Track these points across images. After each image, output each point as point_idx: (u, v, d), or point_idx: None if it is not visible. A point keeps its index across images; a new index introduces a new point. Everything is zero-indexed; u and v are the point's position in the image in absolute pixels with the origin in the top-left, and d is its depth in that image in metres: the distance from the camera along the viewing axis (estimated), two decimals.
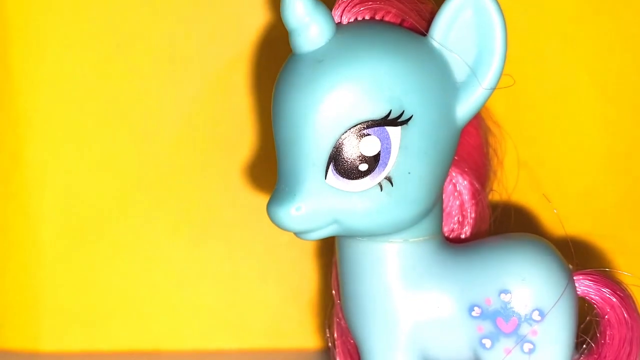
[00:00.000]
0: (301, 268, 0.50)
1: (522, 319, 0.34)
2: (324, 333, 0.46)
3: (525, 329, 0.34)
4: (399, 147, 0.32)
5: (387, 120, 0.32)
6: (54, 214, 0.50)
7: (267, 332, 0.51)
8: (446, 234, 0.38)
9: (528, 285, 0.34)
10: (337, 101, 0.32)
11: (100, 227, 0.50)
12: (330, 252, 0.46)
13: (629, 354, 0.36)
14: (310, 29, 0.32)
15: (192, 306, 0.51)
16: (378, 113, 0.32)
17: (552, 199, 0.41)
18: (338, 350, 0.39)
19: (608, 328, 0.36)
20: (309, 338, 0.51)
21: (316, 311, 0.50)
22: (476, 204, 0.39)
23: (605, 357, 0.37)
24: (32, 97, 0.49)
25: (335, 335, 0.39)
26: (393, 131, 0.32)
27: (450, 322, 0.35)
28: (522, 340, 0.34)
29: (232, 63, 0.48)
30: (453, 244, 0.37)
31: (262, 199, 0.49)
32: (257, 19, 0.47)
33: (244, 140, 0.49)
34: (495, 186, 0.40)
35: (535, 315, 0.34)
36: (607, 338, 0.37)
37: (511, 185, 0.41)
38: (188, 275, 0.51)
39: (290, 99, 0.33)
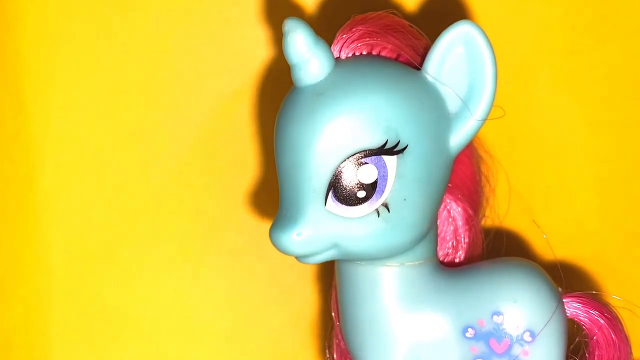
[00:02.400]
0: (302, 292, 0.51)
1: (514, 340, 0.36)
2: (325, 355, 0.46)
3: (517, 350, 0.36)
4: (395, 175, 0.34)
5: (384, 150, 0.33)
6: (63, 240, 0.51)
7: (269, 355, 0.52)
8: (441, 258, 0.39)
9: (519, 307, 0.36)
10: (336, 131, 0.33)
11: (108, 254, 0.51)
12: (329, 276, 0.47)
13: None
14: (310, 63, 0.34)
15: (196, 330, 0.51)
16: (375, 143, 0.33)
17: (542, 225, 0.41)
18: None
19: (597, 348, 0.38)
20: (308, 358, 0.51)
21: (317, 334, 0.51)
22: (469, 230, 0.40)
23: None
24: (44, 126, 0.49)
25: (335, 356, 0.40)
26: (389, 160, 0.33)
27: (444, 343, 0.36)
28: None
29: (235, 94, 0.49)
30: (447, 267, 0.38)
31: (264, 226, 0.49)
32: (261, 53, 0.48)
33: (246, 168, 0.50)
34: (488, 212, 0.41)
35: (527, 336, 0.35)
36: (595, 358, 0.38)
37: (503, 211, 0.42)
38: (192, 300, 0.51)
39: (291, 129, 0.34)
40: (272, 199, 0.47)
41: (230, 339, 0.51)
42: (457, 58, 0.34)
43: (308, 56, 0.34)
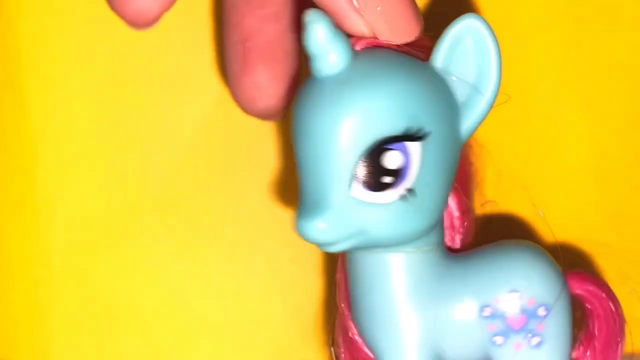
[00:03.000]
0: (304, 285, 0.51)
1: (530, 316, 0.37)
2: (326, 349, 0.49)
3: (532, 324, 0.37)
4: (419, 161, 0.35)
5: (407, 136, 0.34)
6: (64, 233, 0.51)
7: (270, 348, 0.52)
8: None
9: (534, 284, 0.37)
10: (361, 119, 0.34)
11: (108, 246, 0.51)
12: (332, 270, 0.48)
13: (616, 343, 0.40)
14: (331, 54, 0.34)
15: (197, 322, 0.52)
16: (399, 129, 0.34)
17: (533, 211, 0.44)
18: None
19: (596, 320, 0.40)
20: (311, 354, 0.52)
21: (318, 327, 0.51)
22: (464, 216, 0.41)
23: (595, 347, 0.40)
24: (45, 121, 0.50)
25: (342, 349, 0.41)
26: (413, 146, 0.34)
27: (462, 324, 0.37)
28: (530, 335, 0.37)
29: None
30: (452, 253, 0.40)
31: (265, 218, 0.51)
32: None
33: (247, 162, 0.50)
34: (482, 199, 0.43)
35: (541, 311, 0.37)
36: (595, 329, 0.40)
37: (503, 197, 0.44)
38: (193, 292, 0.52)
39: (314, 118, 0.35)
40: (273, 191, 0.50)
41: (230, 332, 0.52)
42: (464, 49, 0.36)
43: (329, 47, 0.34)
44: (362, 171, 0.34)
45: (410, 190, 0.35)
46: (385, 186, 0.34)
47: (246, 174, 0.51)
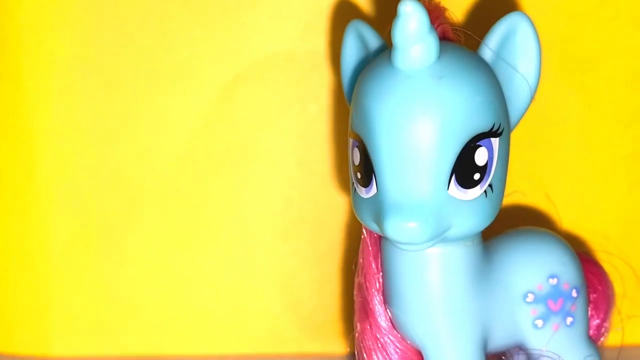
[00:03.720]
0: (301, 278, 0.52)
1: (566, 298, 0.39)
2: (322, 339, 0.52)
3: (568, 306, 0.40)
4: (497, 156, 0.35)
5: (492, 132, 0.35)
6: (65, 225, 0.52)
7: (268, 338, 0.53)
8: None
9: (568, 269, 0.40)
10: (459, 115, 0.34)
11: (108, 238, 0.52)
12: (328, 263, 0.52)
13: (609, 312, 0.44)
14: (427, 45, 0.34)
15: (196, 314, 0.53)
16: (487, 126, 0.35)
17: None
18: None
19: (595, 294, 0.43)
20: (307, 344, 0.53)
21: (314, 318, 0.52)
22: None
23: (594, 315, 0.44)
24: (44, 113, 0.51)
25: (370, 342, 0.40)
26: (495, 142, 0.35)
27: (508, 310, 0.39)
28: (566, 315, 0.39)
29: (237, 77, 0.50)
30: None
31: (266, 211, 0.52)
32: (262, 39, 0.49)
33: (246, 154, 0.51)
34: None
35: (574, 293, 0.40)
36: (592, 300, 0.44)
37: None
38: (193, 284, 0.53)
39: (405, 113, 0.34)
40: (275, 183, 0.51)
41: (231, 323, 0.53)
42: (512, 43, 0.37)
43: (425, 38, 0.34)
44: (459, 168, 0.34)
45: (490, 185, 0.35)
46: (475, 183, 0.35)
47: (245, 168, 0.51)
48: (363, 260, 0.40)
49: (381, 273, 0.39)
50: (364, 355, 0.40)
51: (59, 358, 0.53)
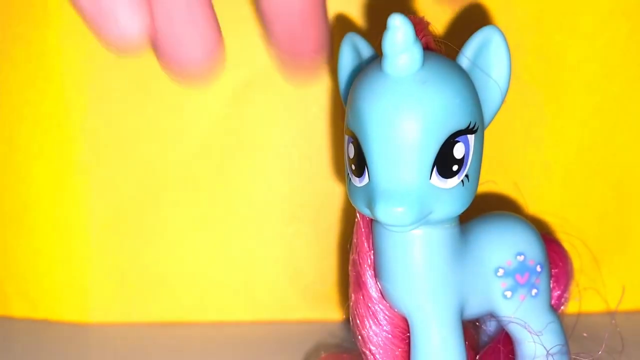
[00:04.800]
0: (303, 255, 0.56)
1: (532, 272, 0.44)
2: (322, 307, 0.55)
3: (533, 279, 0.44)
4: (472, 150, 0.40)
5: (469, 129, 0.39)
6: (101, 208, 0.56)
7: (274, 306, 0.57)
8: None
9: (533, 247, 0.44)
10: (440, 115, 0.38)
11: (138, 219, 0.56)
12: (324, 243, 0.56)
13: (568, 284, 0.49)
14: (412, 54, 0.38)
15: (212, 285, 0.57)
16: (464, 124, 0.39)
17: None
18: (367, 321, 0.44)
19: (556, 269, 0.48)
20: (308, 311, 0.57)
21: (314, 289, 0.55)
22: None
23: (555, 287, 0.48)
24: (83, 113, 0.55)
25: (361, 305, 0.44)
26: (471, 138, 0.40)
27: (482, 283, 0.43)
28: (531, 287, 0.44)
29: (249, 82, 0.53)
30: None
31: (273, 198, 0.56)
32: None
33: (255, 147, 0.54)
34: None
35: (538, 268, 0.45)
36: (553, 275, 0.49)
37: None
38: (210, 260, 0.56)
39: (396, 114, 0.38)
40: (281, 173, 0.55)
41: (242, 292, 0.57)
42: (485, 53, 0.41)
43: (411, 48, 0.38)
44: (440, 161, 0.39)
45: (467, 176, 0.40)
46: (454, 173, 0.39)
47: (255, 160, 0.54)
48: (357, 240, 0.44)
49: (372, 251, 0.43)
50: (358, 321, 0.44)
51: (96, 324, 0.58)
